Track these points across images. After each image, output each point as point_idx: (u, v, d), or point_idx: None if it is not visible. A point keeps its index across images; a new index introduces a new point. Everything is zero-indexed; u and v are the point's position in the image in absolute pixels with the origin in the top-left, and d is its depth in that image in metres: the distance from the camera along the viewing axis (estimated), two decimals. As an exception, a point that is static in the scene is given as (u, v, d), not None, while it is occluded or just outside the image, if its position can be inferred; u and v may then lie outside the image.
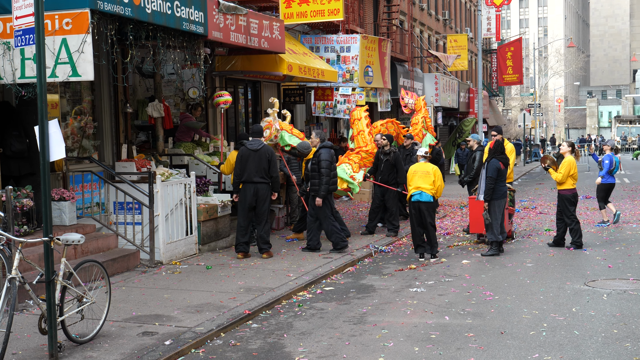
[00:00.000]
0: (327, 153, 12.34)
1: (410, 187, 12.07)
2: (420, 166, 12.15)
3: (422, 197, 11.92)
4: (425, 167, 12.08)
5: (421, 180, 11.94)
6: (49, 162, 6.63)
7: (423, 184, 11.91)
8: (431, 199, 11.97)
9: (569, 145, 13.24)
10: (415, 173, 12.08)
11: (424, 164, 12.18)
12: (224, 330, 7.85)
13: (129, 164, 12.06)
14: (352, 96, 20.15)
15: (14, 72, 9.17)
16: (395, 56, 26.95)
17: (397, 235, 14.35)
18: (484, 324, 8.02)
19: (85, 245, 10.29)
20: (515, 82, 43.64)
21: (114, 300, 8.19)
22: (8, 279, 6.42)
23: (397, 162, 14.44)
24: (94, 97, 12.43)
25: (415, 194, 11.95)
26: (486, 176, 12.32)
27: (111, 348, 7.04)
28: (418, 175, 12.02)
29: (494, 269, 11.25)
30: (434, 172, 12.00)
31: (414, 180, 12.04)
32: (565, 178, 12.80)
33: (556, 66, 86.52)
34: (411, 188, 12.05)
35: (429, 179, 11.92)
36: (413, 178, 12.06)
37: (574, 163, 12.93)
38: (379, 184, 14.56)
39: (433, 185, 11.93)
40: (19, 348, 7.02)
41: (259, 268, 10.98)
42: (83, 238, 7.07)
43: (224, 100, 13.78)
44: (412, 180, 12.08)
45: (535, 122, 58.53)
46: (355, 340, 7.52)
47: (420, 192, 11.91)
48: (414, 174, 12.08)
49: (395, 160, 14.41)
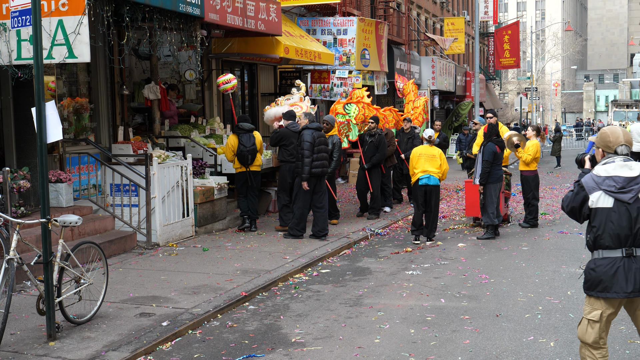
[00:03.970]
0: (308, 135, 11.83)
1: (417, 170, 11.98)
2: (425, 149, 12.08)
3: (431, 181, 11.91)
4: (431, 151, 12.04)
5: (428, 163, 11.91)
6: (47, 143, 6.62)
7: (430, 167, 11.89)
8: (438, 182, 12.01)
9: (534, 129, 13.90)
10: (420, 156, 11.99)
11: (428, 147, 12.11)
12: (220, 312, 7.89)
13: (126, 146, 12.06)
14: (349, 79, 20.11)
15: (10, 53, 9.14)
16: (392, 39, 26.89)
17: (378, 218, 14.36)
18: (480, 307, 8.07)
19: (83, 227, 10.31)
20: (512, 66, 43.59)
21: (111, 282, 8.22)
22: (6, 260, 6.43)
23: (381, 144, 14.34)
24: (90, 79, 12.40)
25: (423, 177, 11.90)
26: (482, 160, 12.31)
27: (109, 329, 7.08)
28: (424, 158, 11.95)
29: (489, 252, 11.30)
30: (439, 155, 12.03)
31: (419, 163, 11.95)
32: (531, 160, 13.41)
33: (553, 50, 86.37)
34: (417, 171, 11.97)
35: (435, 162, 11.93)
36: (419, 161, 11.97)
37: (539, 146, 13.76)
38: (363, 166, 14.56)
39: (440, 169, 11.96)
40: (17, 328, 7.05)
41: (256, 250, 11.02)
42: (80, 220, 7.08)
43: (231, 87, 13.38)
44: (417, 163, 11.98)
45: (532, 106, 58.47)
46: (351, 322, 7.56)
47: (429, 176, 11.88)
48: (419, 157, 11.99)
49: (379, 142, 14.37)
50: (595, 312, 5.03)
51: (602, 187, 4.92)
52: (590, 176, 4.99)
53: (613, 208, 4.90)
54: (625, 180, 4.89)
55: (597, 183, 4.94)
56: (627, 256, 4.91)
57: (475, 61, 29.81)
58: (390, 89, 26.38)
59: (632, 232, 4.89)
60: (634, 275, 4.89)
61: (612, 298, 4.95)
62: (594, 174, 4.99)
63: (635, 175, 4.89)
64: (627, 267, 4.90)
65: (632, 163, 4.94)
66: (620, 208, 4.89)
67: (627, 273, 4.89)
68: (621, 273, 4.90)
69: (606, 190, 4.91)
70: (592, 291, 5.01)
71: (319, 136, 11.95)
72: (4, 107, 10.79)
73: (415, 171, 12.05)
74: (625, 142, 4.99)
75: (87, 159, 11.47)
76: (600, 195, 4.93)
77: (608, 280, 4.93)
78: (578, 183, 5.05)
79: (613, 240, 4.92)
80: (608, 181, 4.91)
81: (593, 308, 5.05)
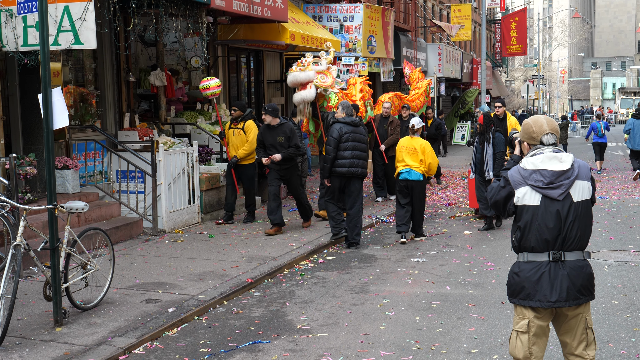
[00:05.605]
0: (335, 130, 10.55)
1: (399, 164, 11.15)
2: (407, 141, 11.16)
3: (411, 176, 10.99)
4: (412, 143, 11.07)
5: (408, 157, 11.01)
6: (53, 130, 6.63)
7: (411, 161, 10.98)
8: (420, 177, 11.02)
9: None
10: (402, 149, 11.13)
11: (411, 138, 11.14)
12: (226, 298, 7.91)
13: (132, 133, 12.08)
14: (355, 66, 20.07)
15: (16, 39, 9.14)
16: (398, 26, 26.79)
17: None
18: (485, 294, 8.08)
19: (89, 213, 10.34)
20: (519, 53, 43.30)
21: (117, 268, 8.25)
22: (13, 246, 6.46)
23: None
24: (96, 65, 12.40)
25: (403, 171, 11.03)
26: (495, 152, 11.70)
27: (115, 315, 7.11)
28: (404, 151, 11.07)
29: (495, 239, 11.29)
30: (422, 148, 10.98)
31: (401, 155, 11.11)
32: None
33: (561, 37, 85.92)
34: (399, 165, 11.13)
35: (416, 156, 10.97)
36: (400, 153, 11.13)
37: None
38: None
39: (422, 163, 11.00)
40: (24, 314, 7.09)
41: (261, 237, 11.03)
42: (87, 206, 7.10)
43: (212, 94, 12.25)
44: (399, 156, 11.16)
45: (539, 93, 58.31)
46: (356, 309, 7.58)
47: (409, 170, 10.97)
48: (401, 149, 11.13)
49: None
50: (523, 322, 4.46)
51: (528, 182, 4.36)
52: (516, 169, 4.45)
53: (540, 206, 4.34)
54: (554, 174, 4.33)
55: (524, 177, 4.38)
56: (554, 260, 4.35)
57: (482, 48, 29.68)
58: (397, 75, 26.29)
59: (562, 233, 4.33)
60: (560, 282, 4.34)
61: (537, 307, 4.41)
62: (520, 167, 4.44)
63: (566, 169, 4.34)
64: (553, 273, 4.34)
65: (562, 154, 4.39)
66: (548, 206, 4.33)
67: (552, 280, 4.33)
68: (546, 279, 4.34)
69: (533, 186, 4.35)
70: (515, 298, 4.48)
71: (350, 131, 10.54)
72: (11, 93, 10.79)
73: (397, 164, 11.21)
74: (550, 130, 4.46)
75: (93, 146, 11.49)
76: (527, 190, 4.36)
77: (531, 287, 4.37)
78: (504, 176, 4.51)
79: (539, 242, 4.35)
80: (535, 175, 4.35)
81: (520, 318, 4.49)
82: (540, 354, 4.49)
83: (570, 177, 4.36)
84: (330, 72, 12.50)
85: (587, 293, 4.44)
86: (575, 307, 4.43)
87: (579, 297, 4.40)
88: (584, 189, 4.40)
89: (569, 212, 4.33)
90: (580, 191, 4.38)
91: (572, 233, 4.36)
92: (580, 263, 4.41)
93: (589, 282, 4.45)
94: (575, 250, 4.40)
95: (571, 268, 4.37)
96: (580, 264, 4.41)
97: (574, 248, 4.39)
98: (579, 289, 4.38)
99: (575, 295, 4.37)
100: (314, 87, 12.23)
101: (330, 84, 12.33)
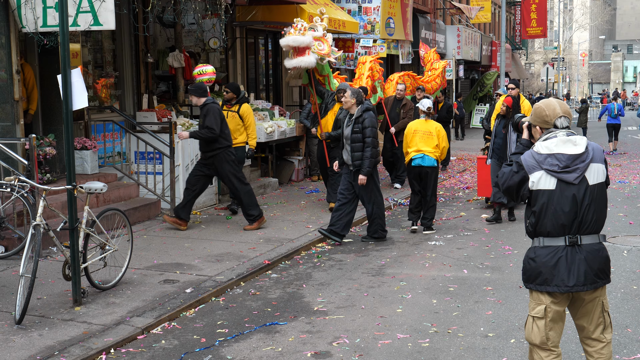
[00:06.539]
0: (371, 119, 9.70)
1: (410, 150, 10.50)
2: (421, 125, 10.54)
3: (425, 162, 10.41)
4: (427, 127, 10.50)
5: (422, 142, 10.40)
6: (72, 111, 6.66)
7: (425, 146, 10.38)
8: (435, 163, 10.49)
9: None
10: (415, 133, 10.46)
11: (425, 121, 10.54)
12: (243, 280, 7.95)
13: (150, 114, 12.11)
14: (373, 48, 19.93)
15: (36, 20, 9.17)
16: (417, 7, 26.57)
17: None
18: (502, 278, 8.06)
19: (107, 194, 10.40)
20: (539, 36, 43.01)
21: (135, 249, 8.30)
22: (33, 226, 6.51)
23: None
24: (115, 46, 12.42)
25: (416, 157, 10.43)
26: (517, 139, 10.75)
27: (133, 295, 7.17)
28: (419, 135, 10.43)
29: (512, 224, 11.24)
30: (437, 132, 10.46)
31: (413, 141, 10.45)
32: None
33: (581, 19, 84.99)
34: (411, 150, 10.48)
35: (431, 141, 10.41)
36: (413, 138, 10.45)
37: None
38: None
39: (437, 148, 10.48)
40: (43, 293, 7.16)
41: (279, 219, 11.05)
42: (105, 186, 7.14)
43: (208, 80, 11.79)
44: (411, 141, 10.47)
45: (559, 76, 57.81)
46: (373, 291, 7.59)
47: (423, 156, 10.39)
48: (414, 133, 10.46)
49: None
50: (539, 307, 4.43)
51: (543, 167, 4.32)
52: (530, 153, 4.41)
53: (556, 190, 4.31)
54: (569, 158, 4.29)
55: (538, 162, 4.34)
56: (571, 245, 4.32)
57: (502, 30, 29.43)
58: (415, 58, 26.11)
59: (578, 217, 4.30)
60: (578, 267, 4.32)
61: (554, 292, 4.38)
62: (534, 151, 4.40)
63: (581, 152, 4.31)
64: (570, 257, 4.32)
65: (576, 138, 4.36)
66: (564, 190, 4.30)
67: (569, 264, 4.32)
68: (563, 264, 4.32)
69: (548, 170, 4.31)
70: (531, 284, 4.44)
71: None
72: (30, 74, 10.83)
73: (408, 150, 10.53)
74: (563, 113, 4.41)
75: (111, 127, 11.54)
76: (542, 175, 4.33)
77: (548, 272, 4.35)
78: (517, 161, 4.46)
79: (555, 227, 4.32)
80: (550, 159, 4.31)
81: (537, 303, 4.45)
82: (557, 339, 4.47)
83: (586, 160, 4.32)
84: (326, 39, 11.76)
85: (603, 276, 4.43)
86: (592, 290, 4.42)
87: (596, 280, 4.38)
88: (598, 172, 4.37)
89: (585, 195, 4.30)
90: (595, 174, 4.35)
91: (588, 216, 4.33)
92: (596, 247, 4.39)
93: (605, 265, 4.43)
94: (592, 234, 4.37)
95: (588, 252, 4.35)
96: (596, 247, 4.39)
97: (590, 232, 4.37)
98: (596, 272, 4.37)
99: (592, 279, 4.36)
100: (312, 54, 11.46)
101: (326, 52, 11.70)
